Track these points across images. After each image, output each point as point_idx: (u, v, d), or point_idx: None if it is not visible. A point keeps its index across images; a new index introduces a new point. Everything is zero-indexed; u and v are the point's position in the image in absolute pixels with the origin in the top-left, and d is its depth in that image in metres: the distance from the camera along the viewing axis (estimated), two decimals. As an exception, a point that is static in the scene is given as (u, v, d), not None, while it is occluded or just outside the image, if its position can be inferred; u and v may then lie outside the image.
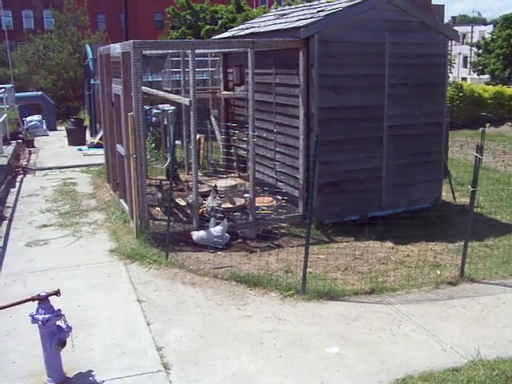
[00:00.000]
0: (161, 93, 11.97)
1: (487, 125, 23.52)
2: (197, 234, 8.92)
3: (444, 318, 6.62)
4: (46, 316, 5.06)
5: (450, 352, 5.82)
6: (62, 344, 5.20)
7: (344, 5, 9.81)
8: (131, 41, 8.66)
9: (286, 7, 15.79)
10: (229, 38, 12.42)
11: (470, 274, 7.76)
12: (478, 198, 11.35)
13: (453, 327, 6.37)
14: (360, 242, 9.11)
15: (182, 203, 10.79)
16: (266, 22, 12.09)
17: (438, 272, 7.95)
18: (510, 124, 25.94)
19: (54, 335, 5.14)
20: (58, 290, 5.20)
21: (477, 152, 7.51)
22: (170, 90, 13.86)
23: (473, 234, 8.27)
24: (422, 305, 6.95)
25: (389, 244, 9.05)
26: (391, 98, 10.01)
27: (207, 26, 36.16)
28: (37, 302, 5.13)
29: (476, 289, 7.45)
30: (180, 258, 8.41)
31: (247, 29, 12.25)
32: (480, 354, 5.68)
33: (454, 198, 11.81)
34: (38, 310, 5.10)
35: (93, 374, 5.39)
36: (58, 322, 5.21)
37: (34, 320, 5.10)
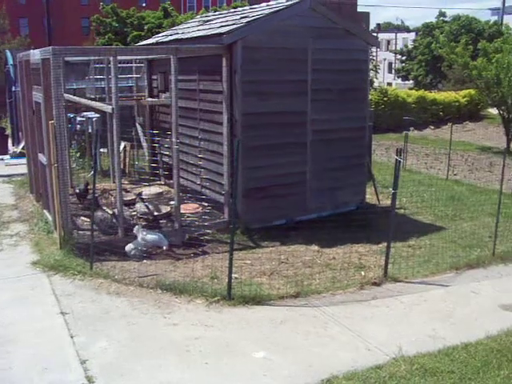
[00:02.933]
0: (83, 100, 11.76)
1: (411, 128, 24.22)
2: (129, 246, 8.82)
3: (368, 317, 6.76)
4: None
5: (374, 351, 5.95)
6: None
7: (267, 11, 9.89)
8: (50, 47, 8.47)
9: (210, 13, 15.83)
10: (152, 44, 12.34)
11: (393, 274, 7.96)
12: (401, 200, 11.66)
13: (377, 326, 6.52)
14: (286, 247, 9.18)
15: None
16: (190, 28, 12.07)
17: (363, 273, 8.10)
18: (432, 127, 26.82)
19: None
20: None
21: (397, 155, 7.71)
22: (94, 97, 13.62)
23: (396, 235, 8.50)
24: (348, 306, 7.07)
25: (314, 247, 9.16)
26: (315, 104, 10.16)
27: (134, 32, 35.77)
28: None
29: (399, 288, 7.65)
30: (105, 268, 8.24)
31: (171, 35, 12.20)
32: (402, 351, 5.85)
33: (379, 200, 12.09)
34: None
35: (12, 393, 5.21)
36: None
37: None
